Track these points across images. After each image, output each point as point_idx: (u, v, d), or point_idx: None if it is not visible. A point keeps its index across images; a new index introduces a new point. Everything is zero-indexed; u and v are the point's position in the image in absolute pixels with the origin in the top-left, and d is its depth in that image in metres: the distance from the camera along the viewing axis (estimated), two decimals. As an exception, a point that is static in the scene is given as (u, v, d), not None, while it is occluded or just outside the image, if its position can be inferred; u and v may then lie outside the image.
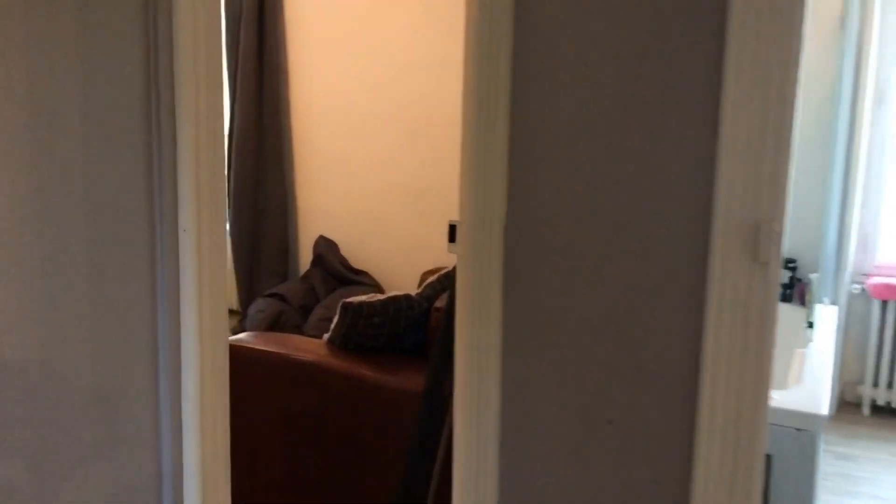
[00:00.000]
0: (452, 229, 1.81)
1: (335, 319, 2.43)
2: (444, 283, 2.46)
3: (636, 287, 1.59)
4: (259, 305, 4.40)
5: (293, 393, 2.43)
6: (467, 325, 1.72)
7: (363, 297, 2.36)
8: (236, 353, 2.53)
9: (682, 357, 1.60)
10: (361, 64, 4.53)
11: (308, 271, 4.65)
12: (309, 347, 2.50)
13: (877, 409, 4.23)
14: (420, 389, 2.21)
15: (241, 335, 2.63)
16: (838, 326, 3.91)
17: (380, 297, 2.37)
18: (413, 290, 2.48)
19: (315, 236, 4.72)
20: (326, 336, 2.51)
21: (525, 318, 1.70)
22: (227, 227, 4.86)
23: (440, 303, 2.36)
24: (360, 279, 4.53)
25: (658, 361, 1.64)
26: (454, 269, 2.66)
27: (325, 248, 4.62)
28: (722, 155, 1.41)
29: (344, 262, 4.63)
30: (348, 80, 4.59)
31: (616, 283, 1.60)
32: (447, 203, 4.35)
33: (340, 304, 2.38)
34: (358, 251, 4.71)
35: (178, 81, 1.22)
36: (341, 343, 2.44)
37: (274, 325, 4.28)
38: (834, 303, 4.01)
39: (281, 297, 4.43)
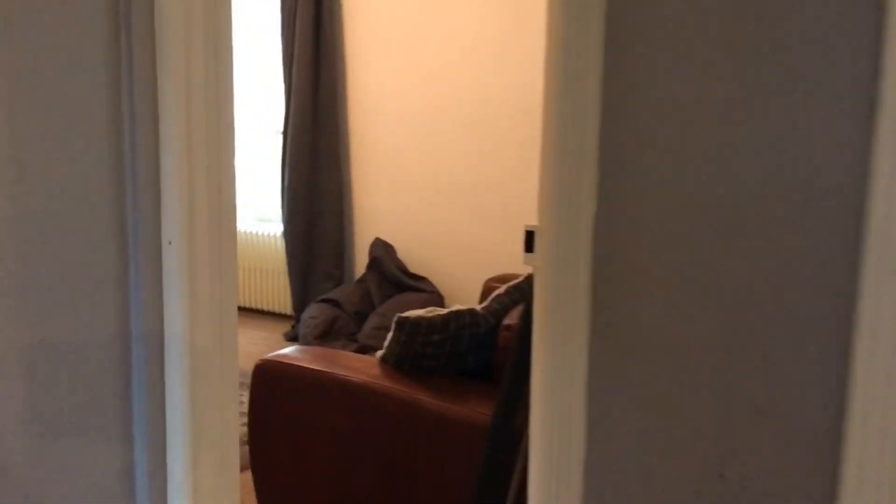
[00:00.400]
0: (530, 236, 1.49)
1: (389, 335, 2.14)
2: (515, 296, 2.15)
3: (761, 308, 1.24)
4: (312, 311, 4.16)
5: (342, 415, 2.15)
6: (547, 349, 1.40)
7: (421, 312, 2.06)
8: (282, 369, 2.27)
9: (821, 398, 1.25)
10: (422, 54, 4.25)
11: (364, 275, 4.40)
12: (360, 366, 2.22)
13: None
14: (486, 420, 1.90)
15: (288, 350, 2.37)
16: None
17: (440, 311, 2.07)
18: (475, 298, 2.18)
19: (371, 238, 4.46)
20: (379, 353, 2.23)
21: (619, 343, 1.37)
22: (281, 229, 4.64)
23: (509, 320, 2.05)
24: (418, 285, 4.25)
25: (788, 402, 1.28)
26: (526, 279, 2.35)
27: (382, 251, 4.36)
28: (879, 149, 1.05)
29: (401, 266, 4.35)
30: (408, 72, 4.31)
31: (735, 303, 1.26)
32: (515, 203, 4.04)
33: (395, 318, 2.09)
34: (417, 255, 4.43)
35: (159, 36, 0.90)
36: (396, 363, 2.15)
37: (327, 332, 4.03)
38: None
39: (335, 303, 4.19)
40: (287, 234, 4.64)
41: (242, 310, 5.17)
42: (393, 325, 2.11)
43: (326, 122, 4.52)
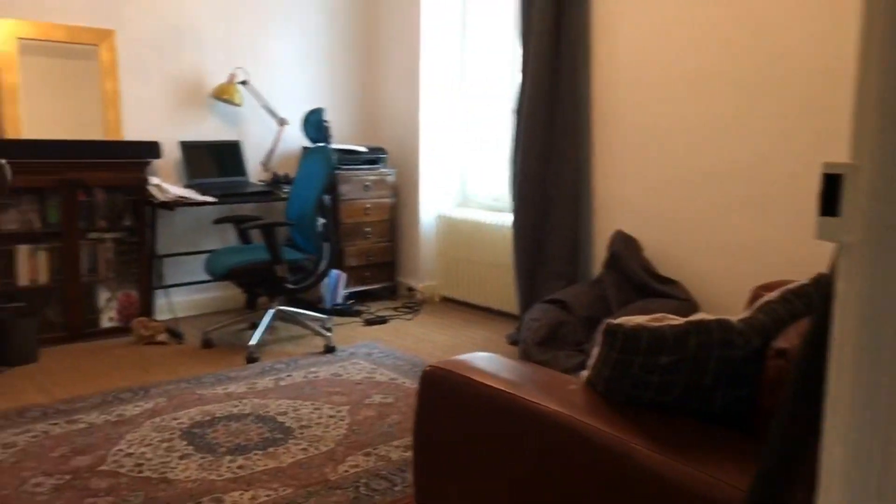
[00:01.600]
0: (832, 186, 0.76)
1: (595, 349, 1.49)
2: (795, 305, 1.39)
3: None
4: (535, 312, 3.58)
5: (523, 452, 1.54)
6: (861, 391, 0.69)
7: (641, 319, 1.39)
8: (450, 381, 1.72)
9: None
10: (686, 12, 3.46)
11: (600, 275, 3.71)
12: (557, 389, 1.59)
13: None
14: (738, 496, 1.18)
15: (467, 357, 1.81)
16: None
17: (673, 320, 1.37)
18: (739, 311, 1.46)
19: (612, 231, 3.77)
20: (584, 373, 1.58)
21: None
22: (511, 218, 4.11)
23: (785, 342, 1.30)
24: (666, 290, 3.47)
25: None
26: (815, 280, 1.56)
27: (624, 247, 3.64)
28: None
29: (646, 265, 3.60)
30: (668, 33, 3.55)
31: None
32: (806, 193, 3.10)
33: (604, 325, 1.43)
34: (666, 253, 3.64)
35: None
36: (606, 389, 1.49)
37: (550, 338, 3.43)
38: None
39: (562, 305, 3.57)
40: (516, 224, 4.11)
41: (467, 306, 4.74)
42: (600, 335, 1.45)
43: (566, 97, 3.91)
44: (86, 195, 3.80)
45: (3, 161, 0.93)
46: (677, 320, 1.38)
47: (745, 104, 3.25)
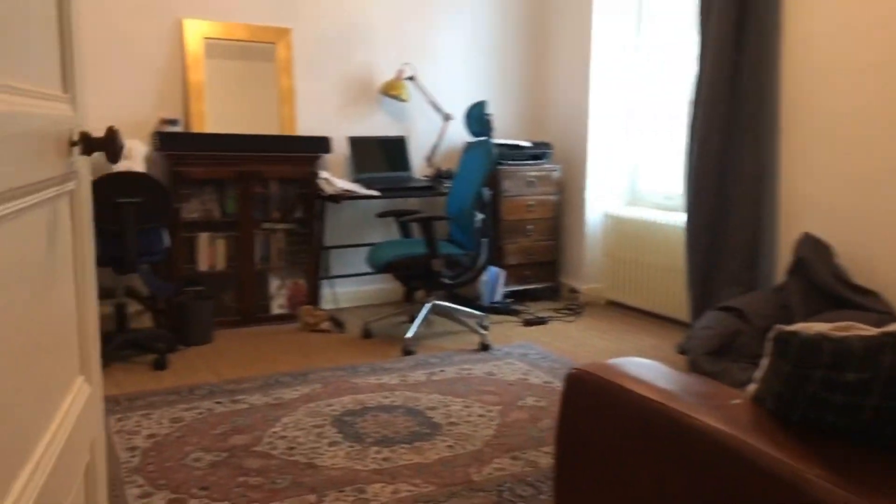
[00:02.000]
0: None
1: (764, 360, 1.27)
2: None
3: None
4: (708, 320, 3.28)
5: (678, 473, 1.36)
6: None
7: (822, 327, 1.16)
8: (597, 387, 1.56)
9: None
10: (894, -20, 3.02)
11: (784, 282, 3.34)
12: (719, 403, 1.39)
13: None
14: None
15: (618, 361, 1.64)
16: None
17: (862, 329, 1.14)
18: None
19: (798, 234, 3.38)
20: (751, 387, 1.37)
21: None
22: (685, 218, 3.82)
23: None
24: (862, 301, 3.04)
25: None
26: None
27: (812, 252, 3.25)
28: None
29: (839, 273, 3.19)
30: (874, 8, 3.12)
31: None
32: None
33: (773, 332, 1.22)
34: (863, 260, 3.21)
35: None
36: (776, 407, 1.27)
37: (723, 349, 3.13)
38: None
39: (739, 313, 3.24)
40: (690, 225, 3.81)
41: (634, 311, 4.48)
42: (770, 343, 1.23)
43: (749, 85, 3.56)
44: (261, 187, 4.00)
45: (115, 127, 0.94)
46: (868, 330, 1.14)
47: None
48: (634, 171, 4.74)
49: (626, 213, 4.50)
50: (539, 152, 4.69)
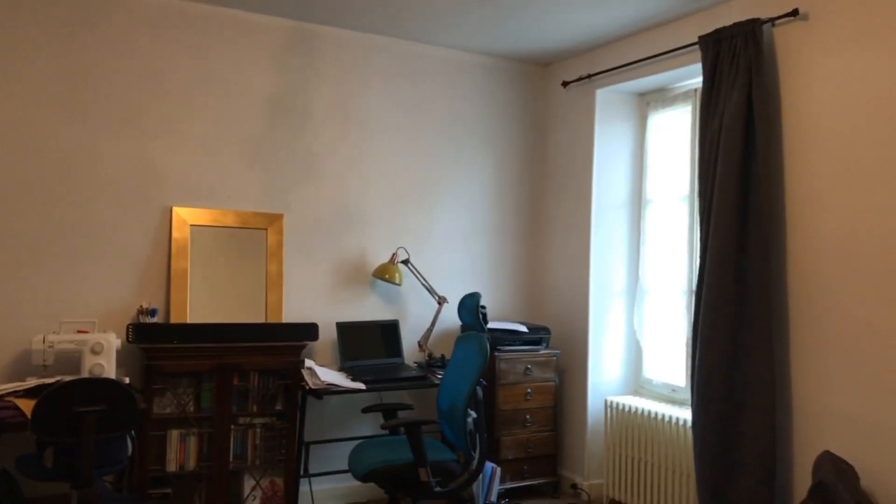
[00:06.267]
0: None
1: None
2: None
3: None
4: (721, 550, 2.94)
5: None
6: None
7: None
8: None
9: None
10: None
11: (804, 505, 3.02)
12: None
13: None
14: None
15: None
16: None
17: None
18: None
19: (817, 452, 3.09)
20: None
21: None
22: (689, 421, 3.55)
23: None
24: (895, 538, 2.72)
25: None
26: None
27: (834, 475, 2.95)
28: None
29: (864, 500, 2.87)
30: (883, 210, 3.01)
31: None
32: None
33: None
34: (891, 485, 2.91)
35: None
36: None
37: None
38: None
39: (757, 543, 2.90)
40: (696, 428, 3.53)
41: (640, 516, 4.11)
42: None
43: (752, 280, 3.40)
44: (241, 379, 3.77)
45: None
46: None
47: None
48: (637, 358, 4.52)
49: (629, 403, 4.23)
50: (537, 337, 4.49)
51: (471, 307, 3.73)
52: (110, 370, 3.40)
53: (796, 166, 3.35)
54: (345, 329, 4.21)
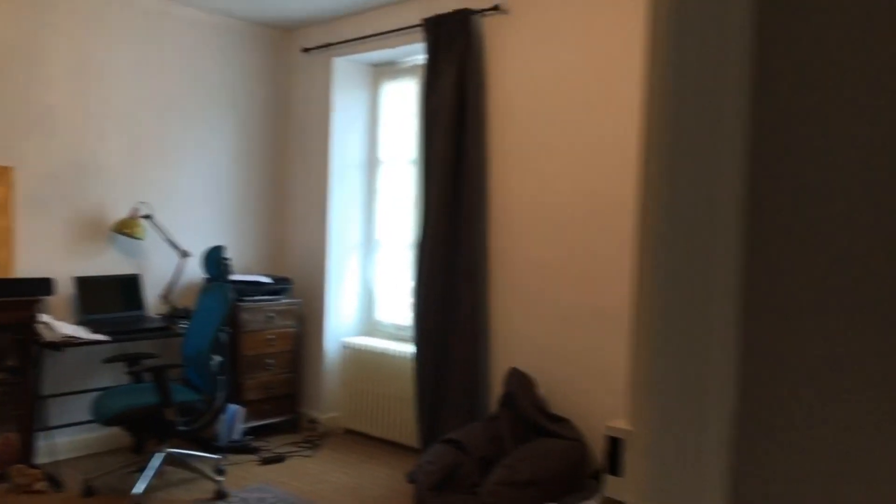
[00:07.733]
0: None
1: None
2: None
3: None
4: (430, 454, 3.57)
5: None
6: None
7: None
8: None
9: None
10: (563, 159, 3.69)
11: (495, 413, 3.75)
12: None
13: None
14: None
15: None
16: None
17: None
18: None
19: (508, 367, 3.84)
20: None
21: None
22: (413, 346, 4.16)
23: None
24: (556, 429, 3.52)
25: None
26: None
27: (518, 385, 3.71)
28: None
29: (539, 403, 3.67)
30: (555, 181, 3.77)
31: None
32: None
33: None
34: (560, 390, 3.73)
35: None
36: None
37: (445, 482, 3.41)
38: None
39: (458, 445, 3.57)
40: (417, 358, 4.15)
41: (371, 440, 4.68)
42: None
43: (463, 238, 4.05)
44: (-33, 335, 3.66)
45: None
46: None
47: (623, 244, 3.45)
48: (370, 301, 5.05)
49: (362, 343, 4.75)
50: (279, 287, 4.84)
51: (214, 259, 3.97)
52: None
53: (496, 138, 4.03)
54: (83, 283, 4.21)
